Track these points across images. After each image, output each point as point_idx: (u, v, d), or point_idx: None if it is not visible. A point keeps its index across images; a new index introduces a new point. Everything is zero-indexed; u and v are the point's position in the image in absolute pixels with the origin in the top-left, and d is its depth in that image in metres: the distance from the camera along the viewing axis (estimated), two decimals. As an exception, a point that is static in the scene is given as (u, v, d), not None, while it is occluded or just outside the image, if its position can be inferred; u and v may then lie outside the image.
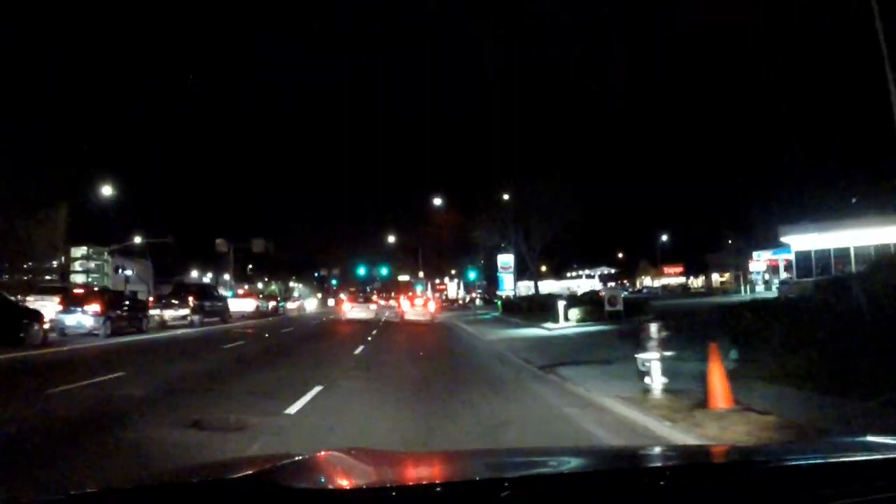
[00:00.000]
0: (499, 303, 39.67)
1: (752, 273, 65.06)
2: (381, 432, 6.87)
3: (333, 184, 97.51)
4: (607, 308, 26.29)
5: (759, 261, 64.62)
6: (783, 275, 53.22)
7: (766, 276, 62.98)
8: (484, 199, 48.73)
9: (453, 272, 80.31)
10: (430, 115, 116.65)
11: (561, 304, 25.21)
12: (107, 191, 42.80)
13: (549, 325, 25.53)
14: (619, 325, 24.82)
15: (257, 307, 38.46)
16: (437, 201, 48.15)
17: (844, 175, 48.34)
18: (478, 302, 52.40)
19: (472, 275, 53.07)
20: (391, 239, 73.11)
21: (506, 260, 48.88)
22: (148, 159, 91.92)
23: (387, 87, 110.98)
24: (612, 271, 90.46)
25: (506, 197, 49.12)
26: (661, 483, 1.68)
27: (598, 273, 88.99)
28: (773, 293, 55.27)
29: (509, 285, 49.71)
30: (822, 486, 1.68)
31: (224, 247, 53.46)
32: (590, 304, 26.70)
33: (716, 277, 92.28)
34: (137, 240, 63.59)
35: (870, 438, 2.31)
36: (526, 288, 74.68)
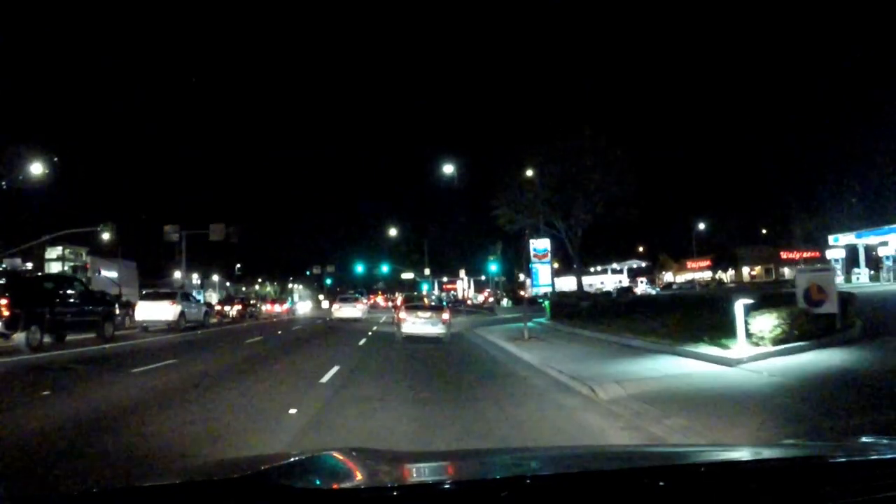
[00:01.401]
0: (546, 303, 25.17)
1: (830, 260, 50.33)
2: None
3: (331, 177, 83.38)
4: (804, 306, 12.28)
5: (837, 246, 50.19)
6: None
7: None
8: (513, 165, 34.33)
9: (462, 272, 65.97)
10: (437, 88, 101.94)
11: (740, 304, 10.72)
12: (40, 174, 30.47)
13: (711, 350, 11.18)
14: (867, 346, 10.85)
15: (182, 314, 24.00)
16: (448, 169, 33.65)
17: None
18: (504, 303, 38.18)
19: (493, 267, 38.48)
20: (393, 232, 59.14)
21: (541, 245, 34.36)
22: (145, 152, 78.58)
23: (390, 57, 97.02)
24: (644, 265, 75.76)
25: (529, 173, 34.80)
26: (661, 483, 1.56)
27: (627, 267, 74.36)
28: (859, 284, 41.42)
29: (546, 279, 35.13)
30: (822, 486, 1.60)
31: (174, 234, 39.13)
32: (789, 306, 12.40)
33: (746, 271, 79.28)
34: (104, 236, 49.15)
35: (869, 439, 2.26)
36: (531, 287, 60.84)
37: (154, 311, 23.81)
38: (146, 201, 68.94)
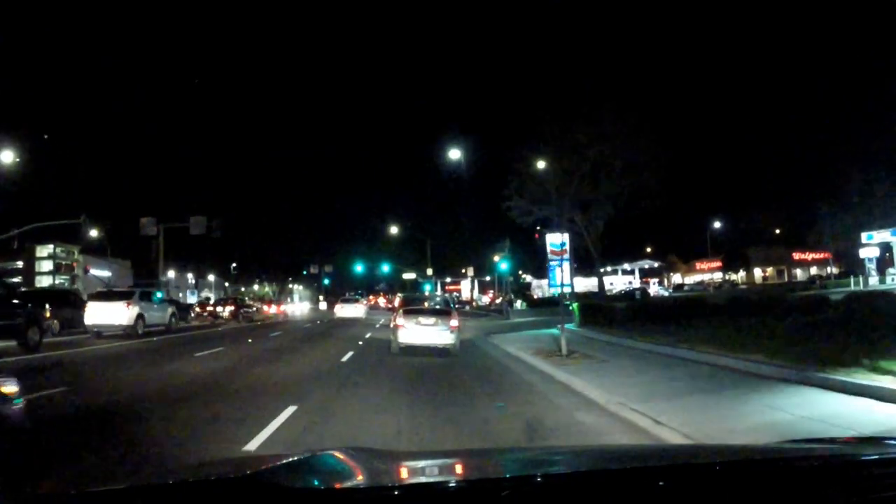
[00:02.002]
0: (575, 306, 21.11)
1: (865, 259, 46.13)
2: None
3: (331, 176, 79.28)
4: None
5: (871, 244, 46.02)
6: None
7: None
8: (529, 152, 30.14)
9: (464, 272, 61.74)
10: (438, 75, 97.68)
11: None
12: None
13: (882, 380, 6.95)
14: None
15: (140, 317, 19.82)
16: (455, 154, 29.46)
17: None
18: (518, 304, 34.04)
19: (504, 265, 34.30)
20: (394, 231, 54.99)
21: (559, 240, 30.04)
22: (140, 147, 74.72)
23: (390, 51, 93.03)
24: (656, 265, 71.53)
25: (542, 164, 30.58)
26: (661, 483, 1.50)
27: (638, 267, 70.15)
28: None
29: (563, 278, 30.85)
30: (823, 485, 1.53)
31: (152, 228, 35.01)
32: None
33: (758, 272, 75.50)
34: (92, 233, 45.07)
35: (871, 438, 2.32)
36: (539, 287, 56.36)
37: (105, 314, 19.60)
38: (144, 201, 65.03)
